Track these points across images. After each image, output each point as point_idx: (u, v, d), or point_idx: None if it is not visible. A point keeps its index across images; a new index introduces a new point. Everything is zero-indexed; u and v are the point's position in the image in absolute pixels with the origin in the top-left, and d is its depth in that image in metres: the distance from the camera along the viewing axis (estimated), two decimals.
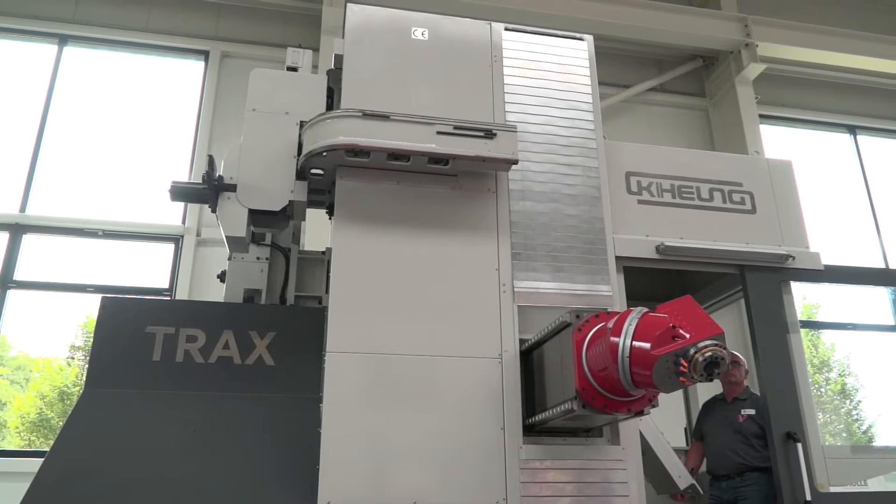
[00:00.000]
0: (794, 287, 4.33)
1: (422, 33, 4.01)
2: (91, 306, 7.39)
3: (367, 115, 3.47)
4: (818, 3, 10.43)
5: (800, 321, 4.38)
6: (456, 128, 3.52)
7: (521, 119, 3.94)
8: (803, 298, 9.63)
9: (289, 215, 3.78)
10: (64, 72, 8.18)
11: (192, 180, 4.60)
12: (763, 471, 4.30)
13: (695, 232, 4.15)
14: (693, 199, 4.25)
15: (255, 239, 4.12)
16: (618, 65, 9.44)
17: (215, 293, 5.30)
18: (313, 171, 3.60)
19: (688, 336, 2.54)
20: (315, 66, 6.79)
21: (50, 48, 8.23)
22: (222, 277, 4.17)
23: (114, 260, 7.50)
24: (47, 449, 3.87)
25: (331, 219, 3.94)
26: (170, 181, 3.78)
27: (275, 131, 3.77)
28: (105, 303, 3.55)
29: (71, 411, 3.26)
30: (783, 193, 4.45)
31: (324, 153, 3.46)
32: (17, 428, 7.45)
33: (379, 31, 3.96)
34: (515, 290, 3.58)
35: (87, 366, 3.52)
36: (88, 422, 3.21)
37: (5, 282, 7.11)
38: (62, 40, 8.25)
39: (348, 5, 4.02)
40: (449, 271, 3.53)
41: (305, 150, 3.55)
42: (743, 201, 4.33)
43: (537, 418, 3.30)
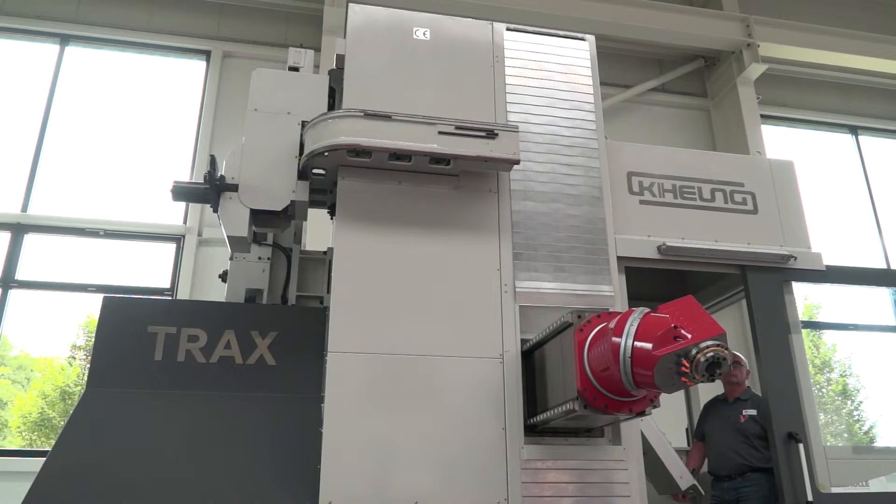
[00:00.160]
0: (795, 287, 4.33)
1: (423, 33, 4.01)
2: (92, 306, 7.40)
3: (369, 115, 3.46)
4: (820, 4, 10.42)
5: (801, 322, 4.38)
6: (458, 128, 3.52)
7: (523, 119, 3.93)
8: (805, 299, 9.62)
9: (290, 215, 3.78)
10: (66, 71, 8.19)
11: (193, 180, 4.61)
12: (764, 471, 4.29)
13: (696, 232, 4.15)
14: (695, 199, 4.25)
15: (257, 239, 4.12)
16: (619, 65, 9.43)
17: (217, 293, 5.32)
18: (315, 170, 3.60)
19: (689, 336, 2.54)
20: (317, 66, 6.82)
21: (52, 48, 8.23)
22: (224, 277, 4.17)
23: (115, 260, 7.50)
24: (49, 448, 3.87)
25: (332, 219, 3.95)
26: (171, 181, 3.78)
27: (276, 131, 3.76)
28: (107, 302, 3.54)
29: (72, 411, 3.25)
30: (785, 194, 4.45)
31: (325, 153, 3.46)
32: (19, 427, 7.46)
33: (381, 31, 3.96)
34: (517, 290, 3.58)
35: (89, 365, 3.52)
36: (90, 421, 3.21)
37: (7, 281, 7.11)
38: (64, 40, 8.26)
39: (350, 5, 4.02)
40: (450, 271, 3.53)
41: (307, 150, 3.54)
42: (744, 201, 4.33)
43: (539, 418, 3.30)
